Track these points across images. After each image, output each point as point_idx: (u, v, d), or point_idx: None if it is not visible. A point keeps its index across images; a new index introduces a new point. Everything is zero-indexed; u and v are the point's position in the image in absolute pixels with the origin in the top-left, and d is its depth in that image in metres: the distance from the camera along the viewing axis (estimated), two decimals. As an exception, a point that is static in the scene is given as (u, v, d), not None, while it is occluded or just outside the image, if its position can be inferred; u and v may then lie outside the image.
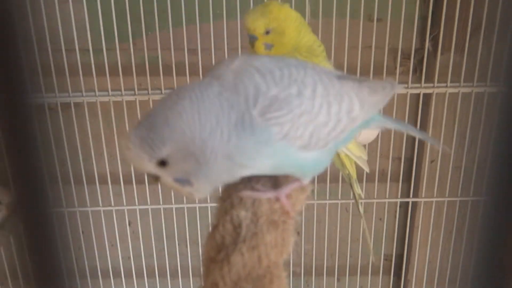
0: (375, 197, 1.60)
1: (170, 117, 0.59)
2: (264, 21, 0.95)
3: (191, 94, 0.60)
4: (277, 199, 0.69)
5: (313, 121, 0.65)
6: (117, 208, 1.58)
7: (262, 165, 0.64)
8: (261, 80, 0.63)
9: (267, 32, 0.96)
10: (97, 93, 1.43)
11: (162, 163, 0.60)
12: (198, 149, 0.60)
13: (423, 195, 1.61)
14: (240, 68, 0.64)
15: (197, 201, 1.56)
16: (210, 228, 0.68)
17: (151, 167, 0.60)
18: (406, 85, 1.45)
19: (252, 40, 0.97)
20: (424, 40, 1.47)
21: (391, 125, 0.86)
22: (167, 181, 0.62)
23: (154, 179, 0.63)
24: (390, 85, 0.75)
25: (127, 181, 1.54)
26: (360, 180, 1.30)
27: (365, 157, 1.13)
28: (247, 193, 0.68)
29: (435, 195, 1.56)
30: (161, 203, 1.57)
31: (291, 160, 0.66)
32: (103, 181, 1.54)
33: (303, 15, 1.26)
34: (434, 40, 1.47)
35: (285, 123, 0.62)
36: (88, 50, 1.38)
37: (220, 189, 0.74)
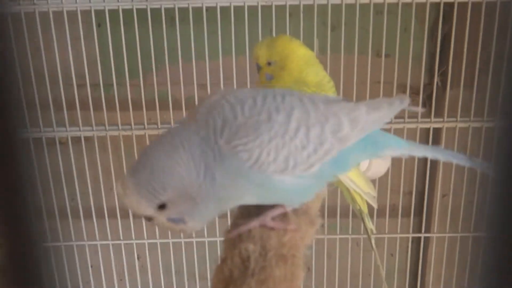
0: (386, 232, 1.59)
1: (168, 164, 0.61)
2: (268, 52, 0.99)
3: (183, 142, 0.62)
4: (264, 226, 0.69)
5: (287, 145, 0.64)
6: (126, 242, 1.57)
7: (244, 195, 0.66)
8: (229, 111, 0.64)
9: (269, 63, 1.00)
10: (107, 127, 1.45)
11: (162, 207, 0.62)
12: (195, 192, 0.62)
13: (435, 230, 1.59)
14: (214, 102, 0.66)
15: (206, 235, 1.56)
16: (219, 262, 0.68)
17: (149, 211, 0.62)
18: (416, 120, 1.45)
19: (257, 67, 1.02)
20: (433, 76, 1.48)
21: (418, 152, 0.80)
22: (161, 221, 0.64)
23: (148, 219, 0.64)
24: (398, 101, 0.74)
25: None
26: (370, 214, 1.29)
27: (373, 193, 1.12)
28: (233, 233, 0.69)
29: (447, 230, 1.54)
30: (170, 237, 1.57)
31: (270, 187, 0.66)
32: (112, 214, 1.55)
33: (312, 50, 1.28)
34: (443, 75, 1.48)
35: (254, 149, 0.63)
36: (99, 85, 1.41)
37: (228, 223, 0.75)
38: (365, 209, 1.17)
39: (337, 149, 0.68)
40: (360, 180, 1.07)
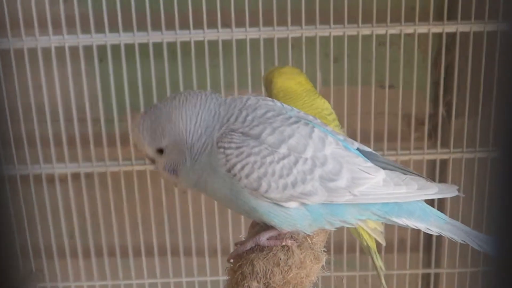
0: (395, 268, 1.56)
1: (174, 115, 0.69)
2: (264, 80, 1.14)
3: (197, 100, 0.70)
4: (259, 245, 0.71)
5: (265, 167, 0.66)
6: (125, 282, 1.55)
7: (221, 195, 0.70)
8: (237, 113, 0.69)
9: (266, 89, 1.13)
10: (107, 162, 1.45)
11: (160, 151, 0.71)
12: (188, 149, 0.69)
13: (445, 265, 1.56)
14: (242, 99, 0.72)
15: (208, 274, 1.54)
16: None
17: (150, 152, 0.71)
18: (421, 151, 1.45)
19: None
20: (438, 106, 1.48)
21: (447, 231, 0.77)
22: (159, 168, 0.72)
23: (151, 161, 0.74)
24: (436, 189, 0.74)
25: (136, 254, 1.53)
26: (378, 250, 1.27)
27: (380, 229, 1.11)
28: (232, 255, 0.73)
29: (457, 265, 1.51)
30: (170, 276, 1.55)
31: (246, 201, 0.68)
32: (111, 253, 1.54)
33: (314, 82, 1.29)
34: (448, 105, 1.48)
35: (231, 157, 0.66)
36: (99, 121, 1.42)
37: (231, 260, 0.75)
38: (373, 245, 1.15)
39: (324, 197, 0.68)
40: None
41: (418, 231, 1.54)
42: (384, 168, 0.73)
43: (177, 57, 1.38)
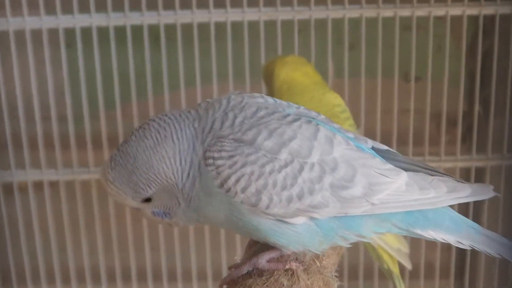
0: (421, 297, 1.55)
1: (154, 159, 0.68)
2: (263, 73, 1.17)
3: (173, 131, 0.68)
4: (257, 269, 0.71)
5: (264, 178, 0.65)
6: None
7: (219, 217, 0.69)
8: (221, 116, 0.68)
9: (267, 83, 1.14)
10: (75, 169, 1.43)
11: (147, 200, 0.70)
12: (179, 192, 0.68)
13: (481, 294, 1.55)
14: (219, 100, 0.72)
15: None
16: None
17: (134, 204, 0.71)
18: (454, 157, 1.44)
19: None
20: (473, 102, 1.47)
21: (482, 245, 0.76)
22: (146, 213, 0.72)
23: (136, 210, 0.73)
24: (469, 190, 0.73)
25: (111, 278, 1.52)
26: (402, 275, 1.26)
27: (405, 249, 1.10)
28: (226, 280, 0.74)
29: (496, 294, 1.50)
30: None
31: (243, 220, 0.68)
32: (80, 278, 1.52)
33: (325, 74, 1.28)
34: (485, 102, 1.46)
35: (223, 169, 0.65)
36: (66, 119, 1.41)
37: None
38: (395, 269, 1.15)
39: (336, 209, 0.68)
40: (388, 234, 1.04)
41: (449, 252, 1.55)
42: (405, 170, 0.72)
43: (160, 43, 1.37)
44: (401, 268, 1.22)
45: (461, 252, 1.58)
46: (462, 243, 0.75)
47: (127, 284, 1.53)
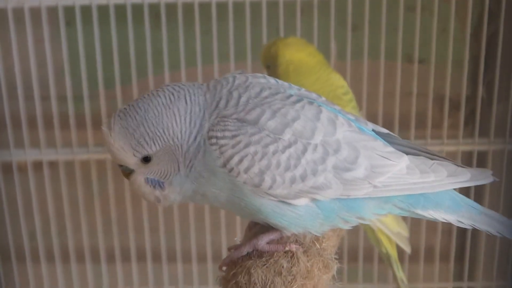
0: (422, 280, 1.55)
1: (164, 115, 0.67)
2: (264, 56, 1.15)
3: (186, 94, 0.68)
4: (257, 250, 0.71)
5: (268, 158, 0.66)
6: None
7: (219, 197, 0.69)
8: (226, 95, 0.68)
9: (268, 67, 1.13)
10: (75, 149, 1.44)
11: (146, 159, 0.68)
12: (182, 154, 0.67)
13: (480, 278, 1.55)
14: (226, 78, 0.71)
15: (196, 283, 1.53)
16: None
17: (132, 161, 0.68)
18: (456, 141, 1.43)
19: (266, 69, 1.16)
20: (477, 86, 1.46)
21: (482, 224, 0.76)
22: (138, 180, 0.69)
23: (127, 174, 0.70)
24: (469, 174, 0.73)
25: (110, 259, 1.53)
26: (401, 259, 1.26)
27: (405, 233, 1.10)
28: (225, 262, 0.73)
29: (494, 278, 1.50)
30: (151, 285, 1.56)
31: (246, 200, 0.68)
32: (80, 258, 1.53)
33: (327, 55, 1.27)
34: (489, 85, 1.46)
35: (226, 148, 0.65)
36: (66, 98, 1.41)
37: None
38: (393, 253, 1.15)
39: (339, 191, 0.68)
40: (387, 217, 1.05)
41: (449, 236, 1.55)
42: (406, 153, 0.73)
43: (160, 22, 1.36)
44: (400, 252, 1.23)
45: (461, 236, 1.58)
46: (463, 223, 0.75)
47: (126, 265, 1.54)
